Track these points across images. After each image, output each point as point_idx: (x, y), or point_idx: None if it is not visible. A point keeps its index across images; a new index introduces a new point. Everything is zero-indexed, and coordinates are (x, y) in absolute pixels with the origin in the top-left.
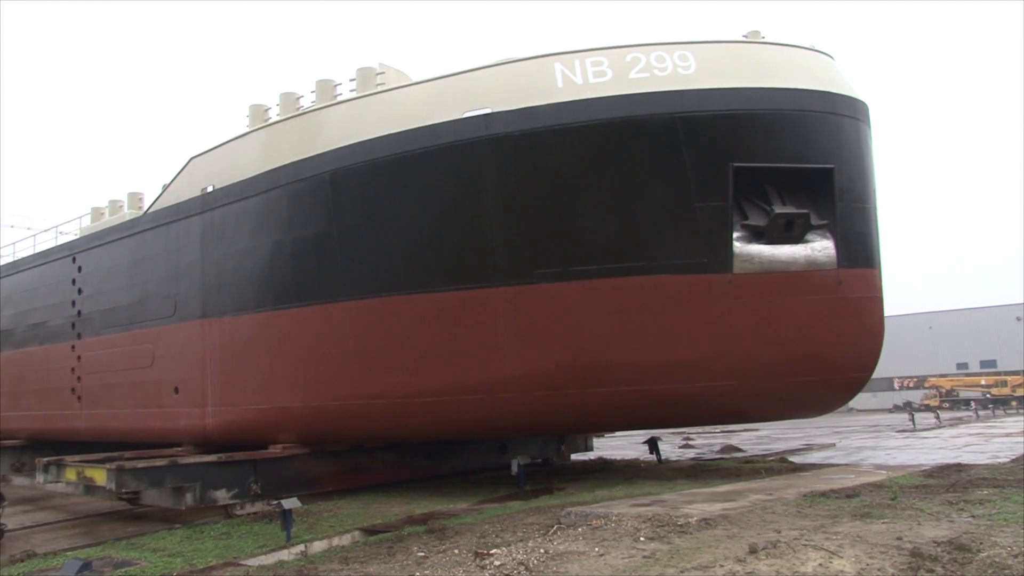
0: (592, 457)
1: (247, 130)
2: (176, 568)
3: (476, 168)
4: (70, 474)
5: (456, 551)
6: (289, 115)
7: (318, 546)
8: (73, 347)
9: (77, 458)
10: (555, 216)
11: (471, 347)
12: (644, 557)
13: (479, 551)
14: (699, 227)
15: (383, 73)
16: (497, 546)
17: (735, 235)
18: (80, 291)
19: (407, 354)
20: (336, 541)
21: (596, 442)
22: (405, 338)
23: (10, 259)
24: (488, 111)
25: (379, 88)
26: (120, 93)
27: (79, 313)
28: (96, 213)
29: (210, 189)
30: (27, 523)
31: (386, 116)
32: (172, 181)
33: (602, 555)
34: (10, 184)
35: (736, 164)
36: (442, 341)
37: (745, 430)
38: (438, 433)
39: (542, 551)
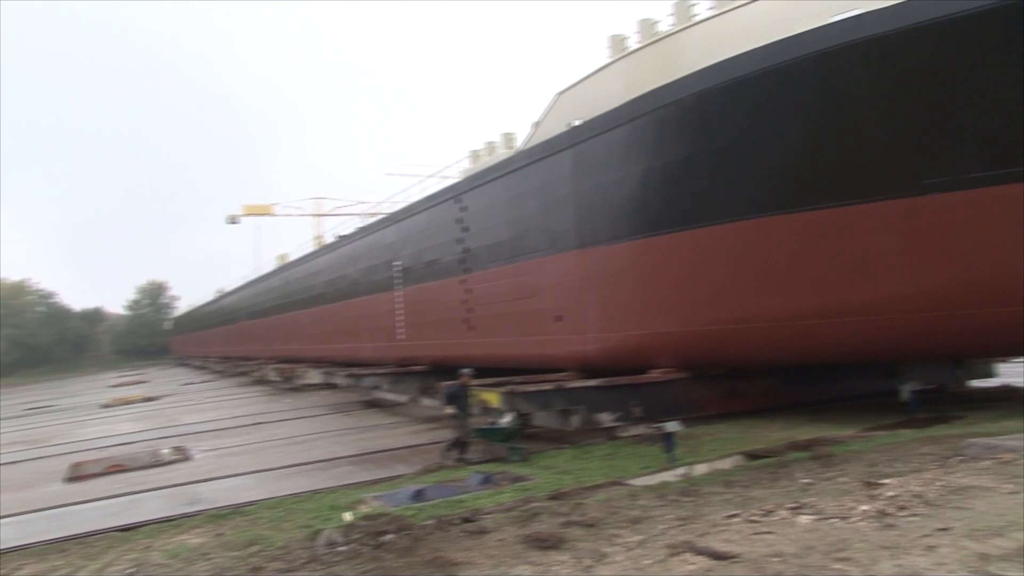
0: (995, 384)
1: (608, 61)
2: (566, 484)
3: (850, 75)
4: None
5: (843, 479)
6: (648, 42)
7: (700, 469)
8: (463, 281)
9: (473, 383)
10: (943, 120)
11: (851, 267)
12: None
13: (869, 480)
14: None
15: None
16: (888, 476)
17: None
18: (466, 229)
19: (782, 276)
20: (718, 464)
21: (1001, 367)
22: (779, 260)
23: (405, 204)
24: (859, 11)
25: (737, 3)
26: (493, 45)
27: (466, 249)
28: (475, 156)
29: (577, 123)
30: (436, 440)
31: (747, 31)
32: (541, 119)
33: (1014, 493)
34: (407, 137)
35: None
36: (818, 262)
37: None
38: (817, 357)
39: (940, 484)
